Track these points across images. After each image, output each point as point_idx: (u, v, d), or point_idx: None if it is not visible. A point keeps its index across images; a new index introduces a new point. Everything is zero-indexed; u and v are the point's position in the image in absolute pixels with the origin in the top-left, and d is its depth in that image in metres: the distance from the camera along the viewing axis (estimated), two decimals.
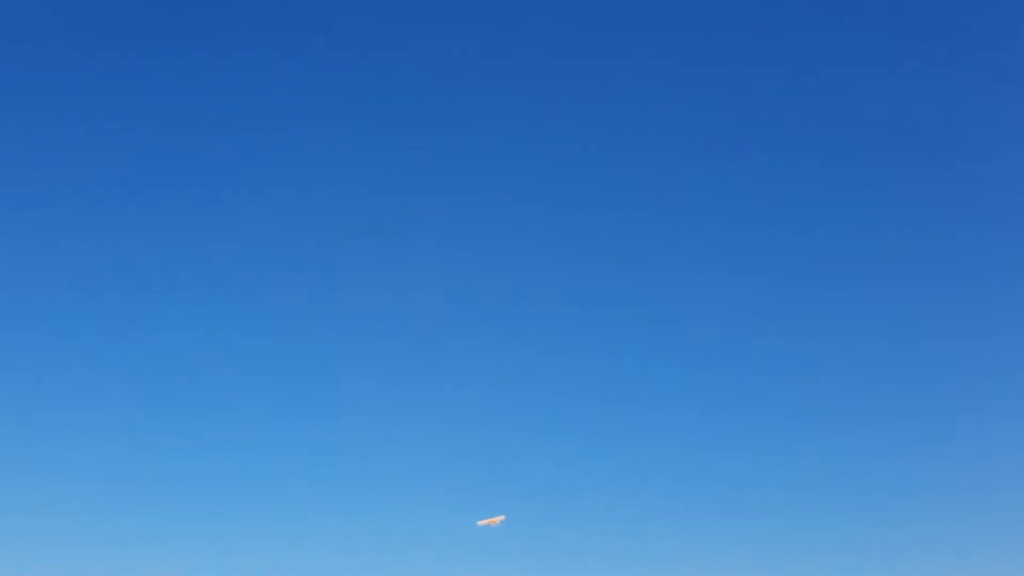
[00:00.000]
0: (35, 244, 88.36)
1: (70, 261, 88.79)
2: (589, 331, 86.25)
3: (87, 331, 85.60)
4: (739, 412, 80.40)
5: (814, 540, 71.41)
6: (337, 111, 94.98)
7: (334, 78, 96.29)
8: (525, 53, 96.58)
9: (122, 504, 74.81)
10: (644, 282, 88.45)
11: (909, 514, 73.53)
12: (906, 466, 76.75)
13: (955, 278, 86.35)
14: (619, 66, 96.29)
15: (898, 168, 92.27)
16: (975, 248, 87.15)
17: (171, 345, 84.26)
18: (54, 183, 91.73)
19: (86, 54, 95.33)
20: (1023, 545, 69.47)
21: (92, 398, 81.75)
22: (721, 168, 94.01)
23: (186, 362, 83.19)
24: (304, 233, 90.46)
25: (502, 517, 58.54)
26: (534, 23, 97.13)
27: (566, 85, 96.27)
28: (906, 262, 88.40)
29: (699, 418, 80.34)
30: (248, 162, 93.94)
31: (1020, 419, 77.38)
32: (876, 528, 72.59)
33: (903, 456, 77.32)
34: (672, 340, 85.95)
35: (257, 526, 73.17)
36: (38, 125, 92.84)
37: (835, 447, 77.53)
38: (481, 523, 58.48)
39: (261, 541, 71.90)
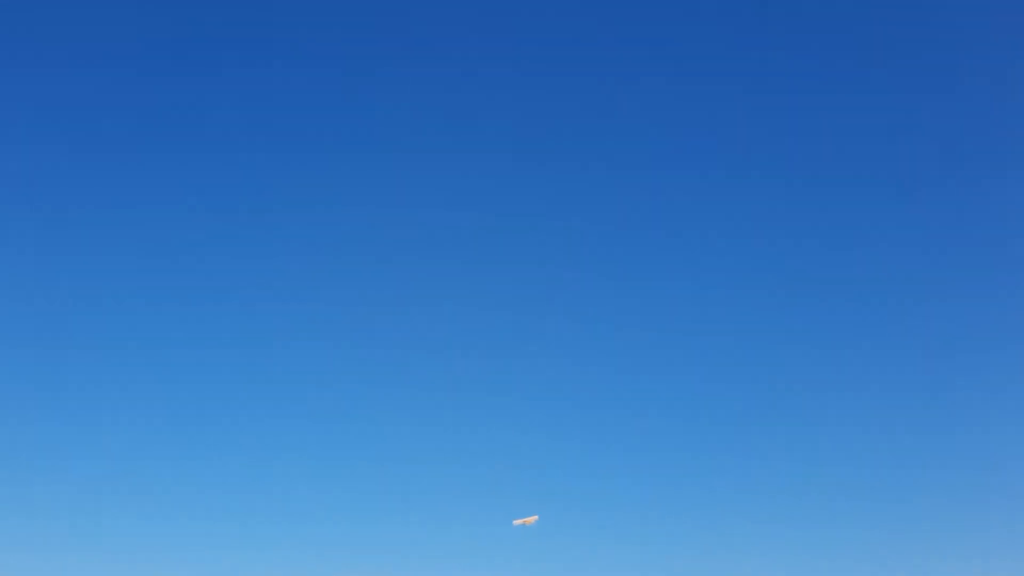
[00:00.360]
0: (39, 251, 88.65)
1: (77, 268, 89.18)
2: (612, 340, 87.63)
3: (91, 336, 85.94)
4: (761, 418, 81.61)
5: (844, 543, 72.44)
6: (336, 125, 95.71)
7: (334, 93, 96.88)
8: (518, 61, 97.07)
9: (147, 510, 75.65)
10: (660, 291, 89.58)
11: (910, 518, 74.13)
12: (907, 471, 77.33)
13: (956, 286, 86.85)
14: (620, 70, 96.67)
15: (900, 176, 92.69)
16: (977, 255, 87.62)
17: (202, 354, 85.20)
18: (55, 187, 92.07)
19: (89, 62, 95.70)
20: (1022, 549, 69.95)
21: (100, 403, 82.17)
22: (723, 175, 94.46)
23: (238, 370, 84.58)
24: (313, 246, 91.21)
25: (536, 517, 59.97)
26: (529, 31, 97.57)
27: (566, 93, 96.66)
28: (909, 270, 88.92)
29: (723, 423, 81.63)
30: (246, 172, 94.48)
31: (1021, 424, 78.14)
32: (879, 532, 73.17)
33: (904, 460, 77.94)
34: (687, 347, 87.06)
35: (295, 531, 74.59)
36: (41, 131, 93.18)
37: (862, 454, 78.57)
38: (516, 523, 60.17)
39: (298, 546, 73.14)
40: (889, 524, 73.51)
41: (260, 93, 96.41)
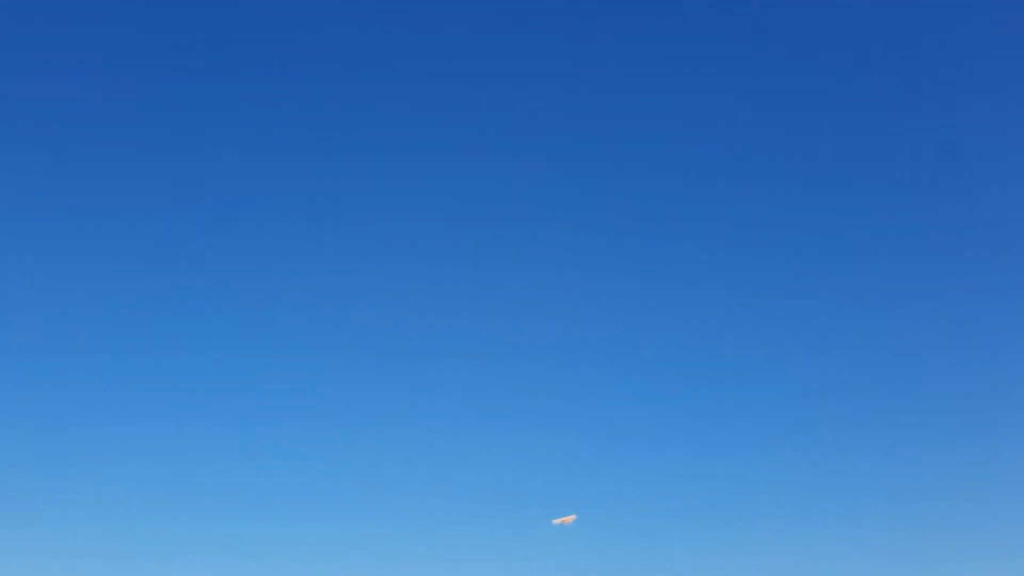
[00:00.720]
0: (44, 257, 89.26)
1: (77, 273, 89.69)
2: (639, 343, 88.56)
3: (97, 342, 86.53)
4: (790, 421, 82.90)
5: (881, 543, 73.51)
6: (335, 130, 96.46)
7: (332, 98, 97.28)
8: (517, 67, 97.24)
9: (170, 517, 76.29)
10: (677, 295, 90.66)
11: (913, 520, 75.13)
12: (911, 473, 78.42)
13: (958, 292, 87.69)
14: (618, 76, 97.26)
15: (900, 180, 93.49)
16: (978, 258, 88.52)
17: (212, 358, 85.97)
18: (62, 191, 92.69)
19: (90, 65, 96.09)
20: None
21: (101, 407, 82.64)
22: (725, 181, 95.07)
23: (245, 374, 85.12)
24: (318, 251, 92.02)
25: (574, 516, 61.54)
26: (529, 37, 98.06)
27: (564, 99, 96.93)
28: (909, 273, 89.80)
29: (757, 425, 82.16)
30: (244, 177, 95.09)
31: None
32: (881, 533, 74.19)
33: (912, 462, 78.96)
34: (711, 351, 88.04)
35: (335, 534, 75.07)
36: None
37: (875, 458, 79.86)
38: (556, 522, 61.66)
39: (337, 549, 73.81)
40: (894, 528, 74.73)
41: (258, 99, 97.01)
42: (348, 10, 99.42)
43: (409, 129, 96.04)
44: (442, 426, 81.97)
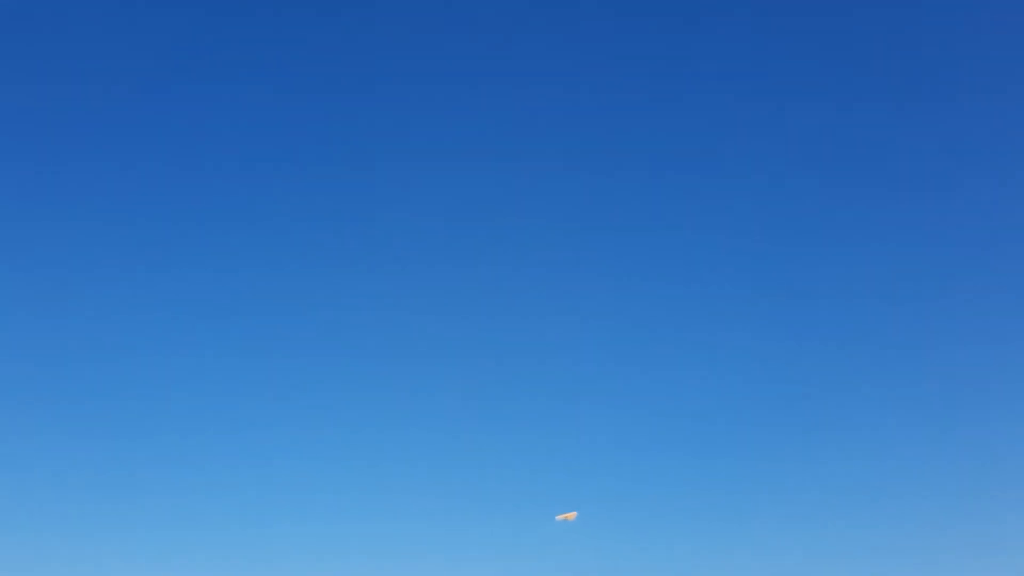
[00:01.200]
0: (42, 254, 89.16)
1: (77, 273, 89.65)
2: (645, 342, 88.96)
3: (96, 342, 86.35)
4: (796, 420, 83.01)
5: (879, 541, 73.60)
6: (336, 130, 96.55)
7: (333, 99, 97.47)
8: (518, 64, 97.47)
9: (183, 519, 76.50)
10: (680, 293, 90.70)
11: (913, 520, 75.08)
12: (912, 472, 78.39)
13: (958, 292, 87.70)
14: (618, 73, 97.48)
15: (900, 177, 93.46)
16: (979, 255, 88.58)
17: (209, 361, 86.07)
18: (70, 193, 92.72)
19: (91, 66, 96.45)
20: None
21: (104, 408, 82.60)
22: (728, 179, 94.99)
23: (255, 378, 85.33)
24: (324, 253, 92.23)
25: (575, 513, 62.30)
26: (526, 35, 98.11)
27: (565, 97, 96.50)
28: (910, 270, 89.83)
29: (760, 423, 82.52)
30: (244, 180, 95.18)
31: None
32: (882, 533, 74.07)
33: (910, 462, 78.94)
34: (717, 349, 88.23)
35: (351, 532, 74.69)
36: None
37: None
38: (559, 518, 62.49)
39: (354, 549, 74.09)
40: (897, 523, 74.95)
41: (257, 98, 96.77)
42: (347, 9, 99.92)
43: (409, 129, 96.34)
44: (442, 426, 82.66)
